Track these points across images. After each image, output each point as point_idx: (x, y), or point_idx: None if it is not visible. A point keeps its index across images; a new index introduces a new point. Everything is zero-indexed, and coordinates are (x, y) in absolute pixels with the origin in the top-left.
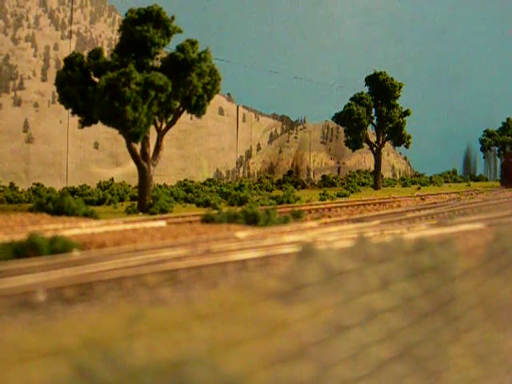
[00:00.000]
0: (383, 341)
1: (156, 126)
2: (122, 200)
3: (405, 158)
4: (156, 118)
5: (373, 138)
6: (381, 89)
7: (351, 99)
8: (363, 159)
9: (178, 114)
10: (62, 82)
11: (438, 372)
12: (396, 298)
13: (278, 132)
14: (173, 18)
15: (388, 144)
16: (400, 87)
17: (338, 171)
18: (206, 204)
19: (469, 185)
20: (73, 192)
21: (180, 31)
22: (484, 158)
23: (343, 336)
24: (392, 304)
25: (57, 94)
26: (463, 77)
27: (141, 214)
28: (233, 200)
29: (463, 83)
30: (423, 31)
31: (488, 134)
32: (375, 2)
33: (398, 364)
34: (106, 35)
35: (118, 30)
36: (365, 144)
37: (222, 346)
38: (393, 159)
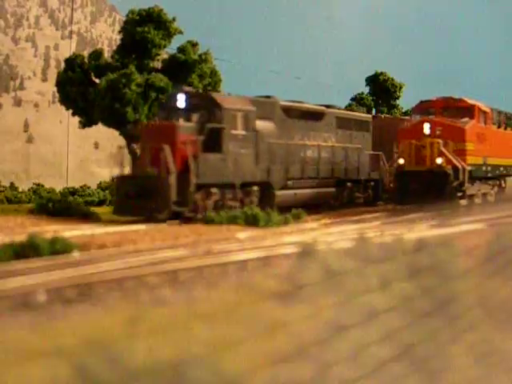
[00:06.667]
0: (383, 341)
1: None
2: None
3: None
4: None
5: None
6: (381, 89)
7: (351, 99)
8: None
9: None
10: (62, 83)
11: (437, 372)
12: (396, 298)
13: None
14: (174, 19)
15: None
16: (401, 88)
17: None
18: None
19: None
20: (73, 192)
21: (181, 32)
22: None
23: (343, 336)
24: (392, 304)
25: (57, 94)
26: (464, 76)
27: None
28: None
29: (464, 83)
30: (425, 31)
31: None
32: (376, 2)
33: (397, 364)
34: (107, 35)
35: (119, 31)
36: None
37: (223, 347)
38: None
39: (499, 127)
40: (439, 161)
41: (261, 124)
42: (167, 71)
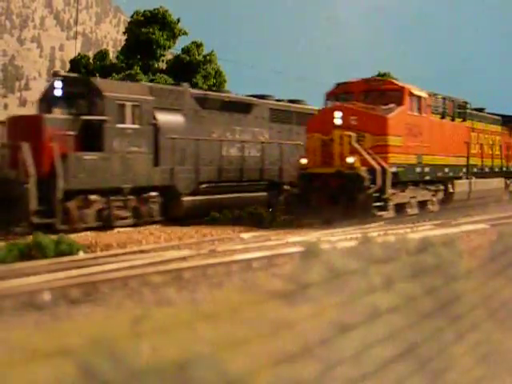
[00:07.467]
0: (387, 340)
1: None
2: None
3: None
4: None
5: None
6: None
7: None
8: None
9: None
10: None
11: (440, 371)
12: (399, 298)
13: None
14: (178, 20)
15: None
16: None
17: None
18: None
19: None
20: None
21: (185, 33)
22: None
23: (347, 335)
24: (395, 304)
25: None
26: (466, 76)
27: None
28: None
29: (466, 82)
30: (428, 31)
31: None
32: (379, 2)
33: (401, 363)
34: (112, 36)
35: (124, 32)
36: None
37: (228, 346)
38: None
39: (444, 117)
40: (350, 160)
41: (163, 116)
42: (172, 72)
